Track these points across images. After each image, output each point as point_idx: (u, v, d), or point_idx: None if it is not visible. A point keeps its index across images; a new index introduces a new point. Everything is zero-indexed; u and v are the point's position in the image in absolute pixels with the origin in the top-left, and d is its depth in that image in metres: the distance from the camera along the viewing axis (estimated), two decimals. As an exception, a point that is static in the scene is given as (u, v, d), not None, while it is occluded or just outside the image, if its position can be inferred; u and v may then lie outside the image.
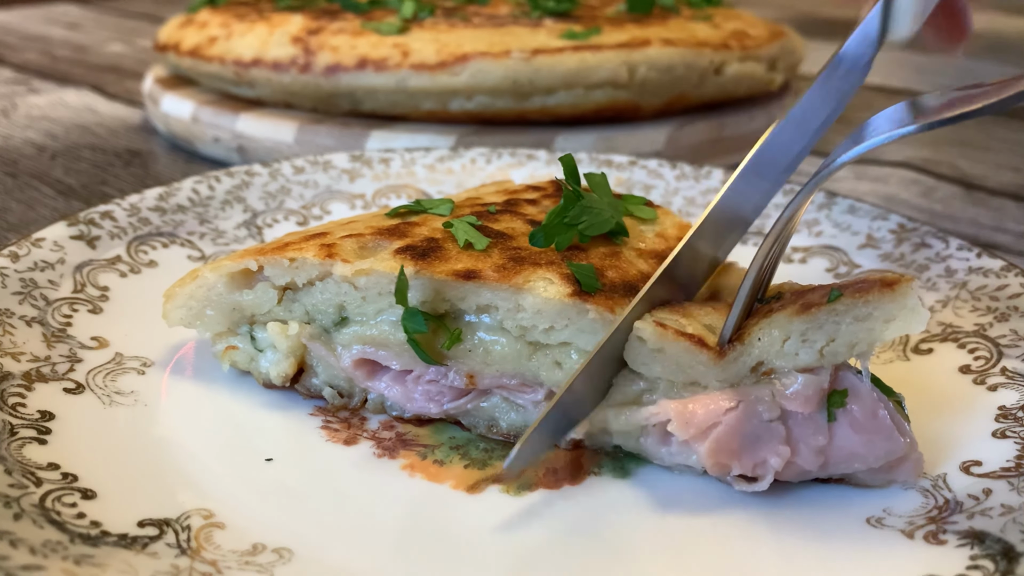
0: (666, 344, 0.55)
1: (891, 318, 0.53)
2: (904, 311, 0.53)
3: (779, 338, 0.54)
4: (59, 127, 1.32)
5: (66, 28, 2.07)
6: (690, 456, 0.56)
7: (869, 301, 0.53)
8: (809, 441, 0.54)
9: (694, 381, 0.56)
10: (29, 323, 0.65)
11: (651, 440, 0.58)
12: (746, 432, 0.54)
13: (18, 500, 0.49)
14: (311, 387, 0.65)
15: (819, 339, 0.54)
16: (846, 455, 0.55)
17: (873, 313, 0.54)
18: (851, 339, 0.54)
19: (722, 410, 0.54)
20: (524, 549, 0.52)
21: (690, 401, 0.55)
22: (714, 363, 0.54)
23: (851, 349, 0.54)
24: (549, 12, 1.19)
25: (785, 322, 0.54)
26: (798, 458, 0.55)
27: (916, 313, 0.53)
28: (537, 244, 0.62)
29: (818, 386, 0.54)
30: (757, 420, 0.55)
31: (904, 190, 1.14)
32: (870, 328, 0.54)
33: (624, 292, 0.58)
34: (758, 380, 0.55)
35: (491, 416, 0.62)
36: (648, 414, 0.57)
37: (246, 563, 0.49)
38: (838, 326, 0.54)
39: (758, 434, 0.54)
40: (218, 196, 0.87)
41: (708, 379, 0.55)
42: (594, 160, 0.97)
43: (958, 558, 0.49)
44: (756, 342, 0.54)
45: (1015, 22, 2.45)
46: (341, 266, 0.61)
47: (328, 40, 1.11)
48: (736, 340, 0.55)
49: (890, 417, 0.55)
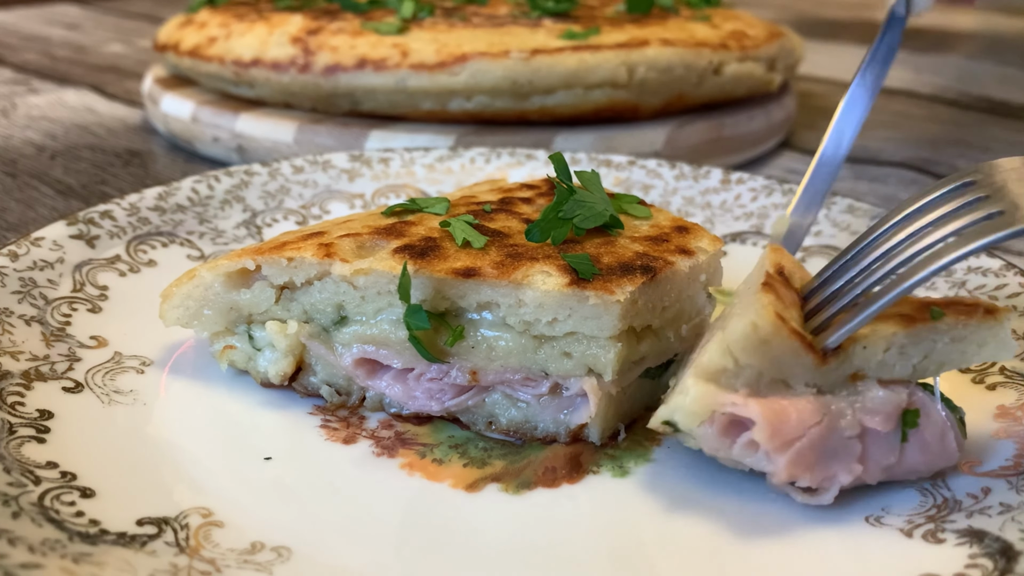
0: (776, 339, 0.52)
1: (984, 343, 0.54)
2: (997, 340, 0.54)
3: (881, 349, 0.54)
4: (59, 127, 1.32)
5: (66, 28, 2.07)
6: (755, 458, 0.54)
7: (969, 325, 0.54)
8: (880, 460, 0.54)
9: (783, 379, 0.53)
10: (28, 322, 0.65)
11: (710, 428, 0.54)
12: (826, 447, 0.53)
13: (17, 498, 0.49)
14: (309, 386, 0.65)
15: (915, 355, 0.54)
16: (905, 471, 0.55)
17: (969, 336, 0.54)
18: (943, 359, 0.54)
19: (809, 424, 0.52)
20: (523, 548, 0.52)
21: (779, 408, 0.52)
22: (816, 368, 0.53)
23: (939, 368, 0.55)
24: (548, 12, 1.19)
25: (889, 334, 0.54)
26: (864, 474, 0.54)
27: (1007, 344, 0.55)
28: (533, 239, 0.62)
29: (898, 404, 0.54)
30: (838, 436, 0.53)
31: (903, 190, 1.14)
32: (963, 351, 0.54)
33: (621, 273, 0.58)
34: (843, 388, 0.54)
35: (491, 413, 0.62)
36: (727, 403, 0.53)
37: (245, 561, 0.49)
38: (935, 344, 0.54)
39: (836, 449, 0.53)
40: (217, 196, 0.87)
41: (798, 381, 0.53)
42: (593, 160, 0.97)
43: (957, 557, 0.49)
44: (860, 351, 0.53)
45: (1015, 22, 2.45)
46: (340, 266, 0.61)
47: (327, 40, 1.11)
48: (839, 348, 0.53)
49: (955, 439, 0.55)
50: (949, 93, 1.66)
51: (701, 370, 0.53)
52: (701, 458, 0.59)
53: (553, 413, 0.61)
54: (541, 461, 0.59)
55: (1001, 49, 2.12)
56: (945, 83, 1.74)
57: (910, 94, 1.65)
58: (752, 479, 0.57)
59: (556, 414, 0.61)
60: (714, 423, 0.54)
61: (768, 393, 0.53)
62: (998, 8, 2.61)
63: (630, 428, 0.62)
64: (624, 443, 0.61)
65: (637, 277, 0.58)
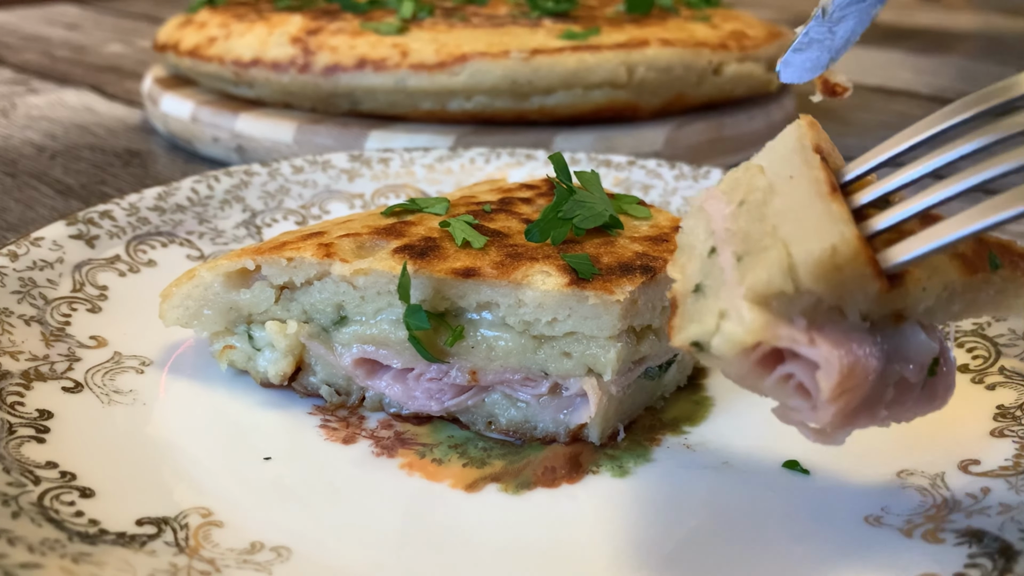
0: (852, 265, 0.43)
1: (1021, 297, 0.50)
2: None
3: (935, 294, 0.47)
4: (58, 127, 1.32)
5: (65, 28, 2.07)
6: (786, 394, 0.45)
7: (1018, 279, 0.49)
8: (903, 408, 0.48)
9: (840, 307, 0.44)
10: (28, 322, 0.65)
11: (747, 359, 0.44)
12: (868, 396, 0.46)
13: (16, 498, 0.49)
14: (309, 385, 0.65)
15: (959, 303, 0.49)
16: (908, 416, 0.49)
17: (1012, 290, 0.50)
18: (979, 308, 0.50)
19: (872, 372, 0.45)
20: (522, 548, 0.52)
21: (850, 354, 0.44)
22: (876, 298, 0.44)
23: (968, 314, 0.50)
24: (548, 12, 1.19)
25: (950, 280, 0.47)
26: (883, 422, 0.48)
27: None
28: (533, 239, 0.62)
29: (932, 353, 0.48)
30: (882, 386, 0.46)
31: (903, 190, 1.14)
32: (999, 303, 0.50)
33: (621, 273, 0.58)
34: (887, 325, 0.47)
35: (490, 413, 0.62)
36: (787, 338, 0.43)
37: (244, 561, 0.49)
38: (979, 294, 0.49)
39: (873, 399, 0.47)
40: (217, 196, 0.87)
41: (853, 311, 0.45)
42: (592, 160, 0.97)
43: (956, 557, 0.49)
44: (920, 292, 0.46)
45: (1015, 22, 2.45)
46: (339, 266, 0.61)
47: (327, 40, 1.11)
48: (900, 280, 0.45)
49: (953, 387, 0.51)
50: (949, 93, 1.66)
51: (756, 294, 0.43)
52: (701, 458, 0.59)
53: (553, 413, 0.61)
54: (541, 461, 0.59)
55: (1001, 49, 2.12)
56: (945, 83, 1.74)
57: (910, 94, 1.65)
58: (752, 479, 0.57)
59: (556, 414, 0.61)
60: (754, 352, 0.44)
61: (824, 324, 0.44)
62: (998, 8, 2.61)
63: (630, 428, 0.62)
64: (624, 443, 0.61)
65: (637, 277, 0.58)
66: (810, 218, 0.44)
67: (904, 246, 0.44)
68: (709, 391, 0.67)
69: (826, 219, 0.44)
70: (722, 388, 0.67)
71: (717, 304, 0.45)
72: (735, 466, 0.59)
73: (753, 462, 0.59)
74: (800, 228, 0.44)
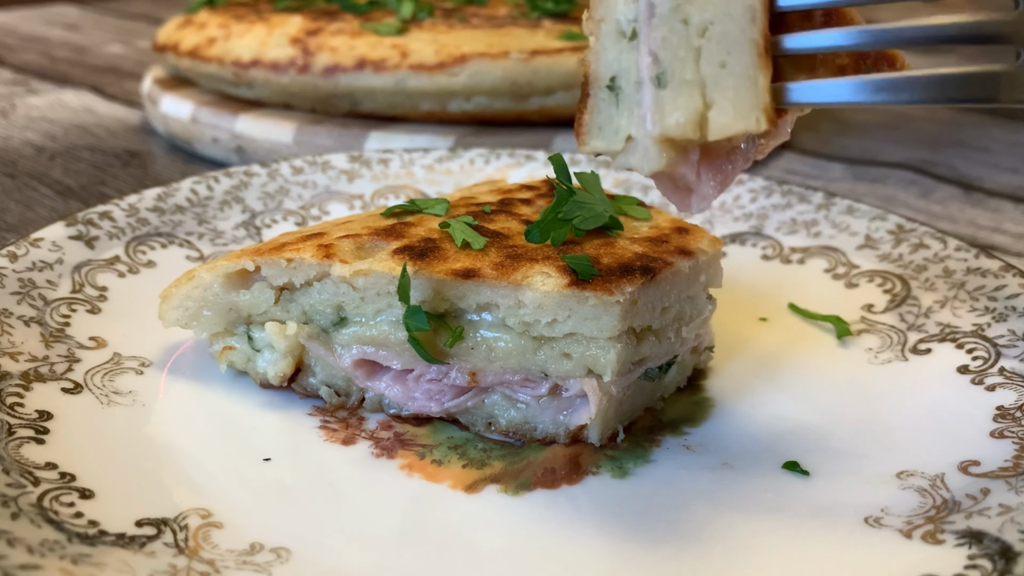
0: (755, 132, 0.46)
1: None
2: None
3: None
4: (58, 128, 1.32)
5: (65, 29, 2.07)
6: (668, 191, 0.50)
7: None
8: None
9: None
10: (27, 323, 0.65)
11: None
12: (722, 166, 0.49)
13: (16, 499, 0.49)
14: (308, 386, 0.65)
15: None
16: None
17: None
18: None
19: (736, 173, 0.49)
20: (522, 549, 0.52)
21: (724, 176, 0.49)
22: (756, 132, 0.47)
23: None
24: (548, 13, 1.19)
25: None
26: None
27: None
28: (533, 240, 0.62)
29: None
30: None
31: (902, 191, 1.14)
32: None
33: (621, 274, 0.58)
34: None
35: (490, 414, 0.62)
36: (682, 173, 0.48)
37: (244, 562, 0.49)
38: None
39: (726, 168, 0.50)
40: (217, 196, 0.87)
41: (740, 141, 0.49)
42: (592, 161, 0.97)
43: (956, 558, 0.49)
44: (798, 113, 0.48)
45: (1014, 23, 2.44)
46: (339, 267, 0.61)
47: (327, 41, 1.11)
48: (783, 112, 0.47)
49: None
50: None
51: (666, 137, 0.46)
52: (701, 459, 0.59)
53: (552, 414, 0.61)
54: (540, 462, 0.59)
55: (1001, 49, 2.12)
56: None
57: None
58: (752, 480, 0.57)
59: (555, 415, 0.61)
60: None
61: (711, 150, 0.48)
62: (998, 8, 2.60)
63: (629, 429, 0.62)
64: (623, 444, 0.61)
65: (636, 278, 0.58)
66: (734, 75, 0.45)
67: (802, 91, 0.45)
68: (709, 392, 0.67)
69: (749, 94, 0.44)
70: (722, 389, 0.67)
71: (629, 123, 0.47)
72: (735, 467, 0.59)
73: (753, 463, 0.59)
74: (722, 84, 0.45)
